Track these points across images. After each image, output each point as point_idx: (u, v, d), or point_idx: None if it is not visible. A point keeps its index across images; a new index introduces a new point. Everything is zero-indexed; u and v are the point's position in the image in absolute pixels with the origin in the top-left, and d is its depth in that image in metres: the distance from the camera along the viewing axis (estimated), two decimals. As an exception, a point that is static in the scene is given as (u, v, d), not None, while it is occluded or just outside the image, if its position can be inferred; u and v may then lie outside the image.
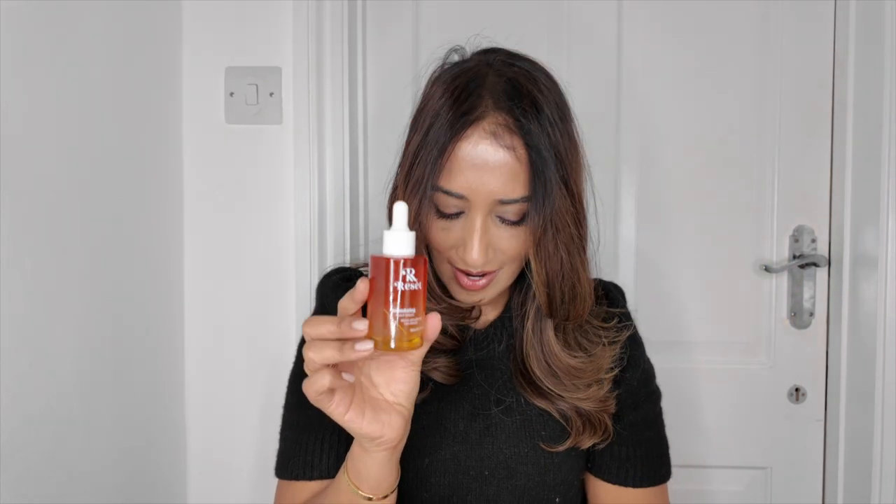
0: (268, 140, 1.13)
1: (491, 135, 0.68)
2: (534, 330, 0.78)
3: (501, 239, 0.71)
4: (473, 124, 0.68)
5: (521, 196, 0.69)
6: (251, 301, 1.14)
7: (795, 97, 1.19)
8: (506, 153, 0.68)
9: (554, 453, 0.77)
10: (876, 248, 1.08)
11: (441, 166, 0.69)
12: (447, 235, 0.72)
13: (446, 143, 0.68)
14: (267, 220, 1.13)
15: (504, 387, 0.79)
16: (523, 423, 0.78)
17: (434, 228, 0.72)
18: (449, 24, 1.20)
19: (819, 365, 1.21)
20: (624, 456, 0.82)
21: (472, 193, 0.68)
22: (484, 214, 0.69)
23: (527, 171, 0.68)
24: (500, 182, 0.68)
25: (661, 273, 1.22)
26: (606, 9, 1.20)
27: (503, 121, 0.68)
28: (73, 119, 0.87)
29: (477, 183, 0.68)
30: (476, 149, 0.68)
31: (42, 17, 0.81)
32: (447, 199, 0.70)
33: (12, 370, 0.76)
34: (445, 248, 0.72)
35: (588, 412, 0.77)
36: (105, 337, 0.95)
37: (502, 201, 0.69)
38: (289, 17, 1.11)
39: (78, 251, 0.88)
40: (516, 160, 0.68)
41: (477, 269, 0.71)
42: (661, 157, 1.21)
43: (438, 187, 0.69)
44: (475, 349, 0.81)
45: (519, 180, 0.68)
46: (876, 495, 1.08)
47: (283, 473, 0.77)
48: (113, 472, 0.97)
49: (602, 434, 0.78)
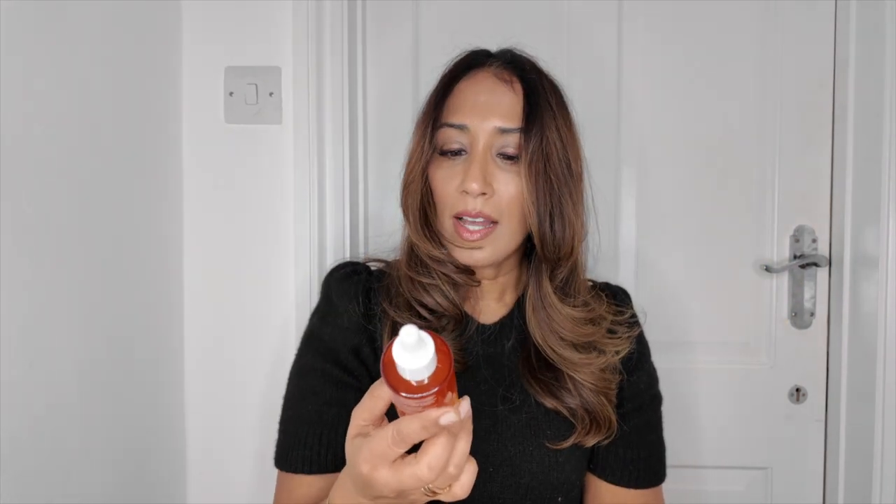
0: (267, 140, 1.13)
1: (493, 74, 0.78)
2: (533, 290, 0.81)
3: (500, 180, 0.75)
4: (477, 68, 0.79)
5: (518, 126, 0.75)
6: (251, 301, 1.14)
7: (796, 97, 1.18)
8: (505, 86, 0.77)
9: (559, 452, 0.77)
10: (876, 248, 1.08)
11: (444, 103, 0.77)
12: (449, 175, 0.76)
13: (450, 83, 0.78)
14: (266, 219, 1.13)
15: (511, 385, 0.80)
16: (529, 422, 0.78)
17: (437, 170, 0.77)
18: (449, 24, 1.20)
19: (820, 365, 1.21)
20: (628, 457, 0.83)
21: (472, 124, 0.75)
22: (484, 146, 0.75)
23: (523, 104, 0.76)
24: (499, 111, 0.75)
25: (661, 273, 1.22)
26: (606, 9, 1.20)
27: (505, 68, 0.78)
28: (73, 119, 0.87)
29: (477, 114, 0.75)
30: (478, 84, 0.77)
31: (42, 16, 0.81)
32: (449, 133, 0.76)
33: (12, 370, 0.76)
34: (448, 193, 0.76)
35: (593, 408, 0.78)
36: (105, 337, 0.94)
37: (501, 129, 0.75)
38: (288, 16, 1.10)
39: (77, 251, 0.88)
40: (514, 93, 0.76)
41: (475, 194, 0.74)
42: (661, 157, 1.20)
43: (442, 122, 0.76)
44: (483, 344, 0.82)
45: (516, 112, 0.76)
46: (876, 495, 1.08)
47: (283, 465, 0.78)
48: (113, 472, 0.97)
49: (606, 431, 0.79)
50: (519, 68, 0.78)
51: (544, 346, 0.79)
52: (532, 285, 0.81)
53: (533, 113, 0.75)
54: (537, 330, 0.80)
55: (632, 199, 1.22)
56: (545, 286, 0.80)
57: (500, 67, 0.78)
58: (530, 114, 0.75)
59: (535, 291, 0.81)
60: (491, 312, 0.84)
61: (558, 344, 0.79)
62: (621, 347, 0.82)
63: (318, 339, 0.81)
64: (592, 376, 0.78)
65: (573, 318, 0.79)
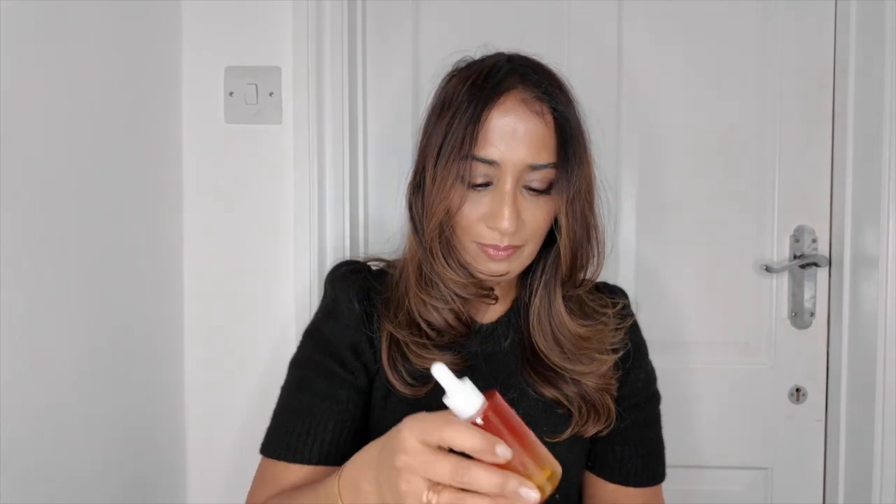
0: (267, 140, 1.13)
1: (521, 102, 0.73)
2: (542, 303, 0.80)
3: (527, 210, 0.73)
4: (505, 93, 0.73)
5: (549, 162, 0.73)
6: (251, 301, 1.14)
7: (796, 97, 1.18)
8: (537, 119, 0.72)
9: (557, 447, 0.77)
10: (876, 248, 1.08)
11: (474, 135, 0.72)
12: (474, 208, 0.74)
13: (479, 112, 0.72)
14: (266, 219, 1.13)
15: (508, 381, 0.80)
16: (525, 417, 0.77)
17: (462, 202, 0.74)
18: (449, 24, 1.20)
19: (819, 365, 1.21)
20: (626, 455, 0.83)
21: (503, 159, 0.71)
22: (514, 182, 0.72)
23: (555, 138, 0.73)
24: (530, 147, 0.72)
25: (661, 273, 1.22)
26: (606, 9, 1.20)
27: (532, 92, 0.73)
28: (73, 119, 0.87)
29: (509, 149, 0.71)
30: (508, 116, 0.72)
31: (42, 16, 0.81)
32: (478, 168, 0.72)
33: (12, 370, 0.76)
34: (472, 223, 0.74)
35: (592, 398, 0.78)
36: (105, 337, 0.95)
37: (532, 166, 0.72)
38: (288, 16, 1.10)
39: (77, 251, 0.88)
40: (545, 126, 0.73)
41: (508, 236, 0.73)
42: (662, 157, 1.20)
43: (471, 155, 0.72)
44: (481, 342, 0.82)
45: (548, 146, 0.73)
46: (876, 496, 1.08)
47: (266, 451, 0.78)
48: (113, 472, 0.97)
49: (605, 420, 0.79)
50: (549, 96, 0.74)
51: (548, 354, 0.80)
52: (542, 297, 0.81)
53: (567, 148, 0.73)
54: (541, 340, 0.80)
55: (632, 199, 1.22)
56: (557, 303, 0.80)
57: (529, 94, 0.73)
58: (564, 149, 0.73)
59: (543, 307, 0.81)
60: (491, 311, 0.85)
61: (560, 356, 0.79)
62: (619, 345, 0.82)
63: (318, 332, 0.82)
64: (595, 378, 0.79)
65: (579, 335, 0.80)
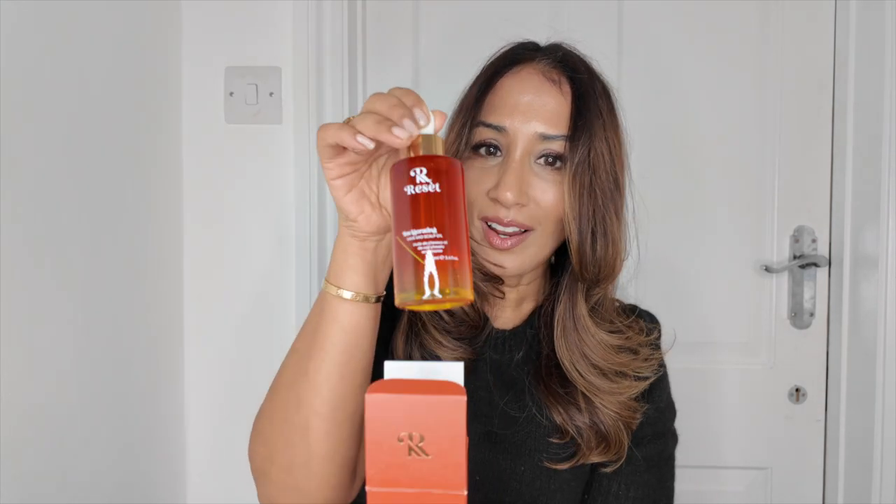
0: (267, 140, 1.13)
1: (538, 71, 0.69)
2: (565, 308, 0.73)
3: (537, 187, 0.67)
4: (522, 63, 0.69)
5: (561, 133, 0.67)
6: (251, 301, 1.14)
7: (796, 97, 1.18)
8: (552, 87, 0.68)
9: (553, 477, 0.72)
10: (876, 248, 1.08)
11: (483, 100, 0.68)
12: (481, 176, 0.68)
13: (491, 78, 0.69)
14: (267, 219, 1.13)
15: (514, 399, 0.74)
16: (526, 439, 0.73)
17: (469, 169, 0.68)
18: (448, 24, 1.20)
19: (819, 365, 1.21)
20: (613, 492, 0.75)
21: (512, 127, 0.67)
22: (522, 152, 0.67)
23: (570, 110, 0.67)
24: (542, 116, 0.67)
25: (660, 273, 1.22)
26: (606, 9, 1.20)
27: (554, 66, 0.69)
28: (73, 119, 0.87)
29: (518, 116, 0.67)
30: (522, 82, 0.68)
31: (42, 16, 0.81)
32: (486, 133, 0.68)
33: (12, 370, 0.76)
34: (478, 195, 0.68)
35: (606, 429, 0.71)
36: (105, 337, 0.95)
37: (543, 136, 0.67)
38: (289, 17, 1.10)
39: (77, 251, 0.88)
40: (561, 95, 0.68)
41: (509, 205, 0.66)
42: (662, 157, 1.20)
43: (480, 121, 0.68)
44: (492, 350, 0.76)
45: (562, 117, 0.67)
46: (876, 495, 1.08)
47: None
48: (113, 472, 0.97)
49: (615, 453, 0.72)
50: (569, 67, 0.69)
51: (571, 370, 0.72)
52: (565, 305, 0.74)
53: (581, 119, 0.67)
54: (566, 353, 0.73)
55: (631, 200, 1.22)
56: (580, 308, 0.73)
57: (548, 65, 0.69)
58: (578, 120, 0.67)
59: (567, 312, 0.73)
60: (506, 319, 0.78)
61: (588, 370, 0.72)
62: (649, 372, 0.75)
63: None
64: (618, 405, 0.72)
65: (608, 344, 0.73)
